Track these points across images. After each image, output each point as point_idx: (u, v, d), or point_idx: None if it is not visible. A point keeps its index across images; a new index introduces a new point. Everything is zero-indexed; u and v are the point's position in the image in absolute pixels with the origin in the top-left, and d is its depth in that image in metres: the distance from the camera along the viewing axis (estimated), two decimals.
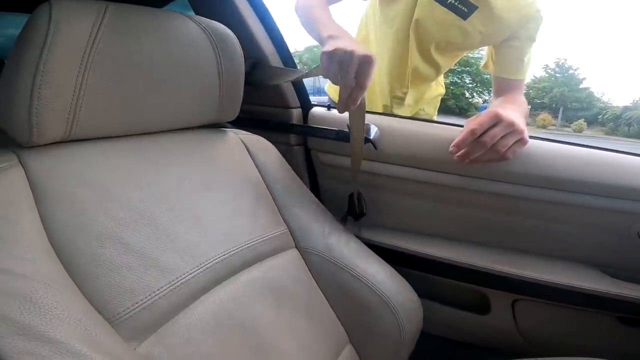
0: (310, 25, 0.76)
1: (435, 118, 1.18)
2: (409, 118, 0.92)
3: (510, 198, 0.74)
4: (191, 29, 0.54)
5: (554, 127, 27.61)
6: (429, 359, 0.80)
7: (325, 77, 0.62)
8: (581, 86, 28.48)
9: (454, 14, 0.89)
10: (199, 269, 0.47)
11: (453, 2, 0.89)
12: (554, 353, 0.73)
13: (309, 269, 0.65)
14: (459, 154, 0.67)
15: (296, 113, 0.89)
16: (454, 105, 26.27)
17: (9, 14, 1.73)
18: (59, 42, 0.39)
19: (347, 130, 0.77)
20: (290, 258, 0.63)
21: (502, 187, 0.74)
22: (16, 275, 0.34)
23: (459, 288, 0.82)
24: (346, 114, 0.71)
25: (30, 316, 0.32)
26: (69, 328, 0.33)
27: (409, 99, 1.05)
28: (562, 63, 28.74)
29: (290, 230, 0.64)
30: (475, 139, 0.63)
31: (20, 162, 0.40)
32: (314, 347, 0.58)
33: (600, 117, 27.51)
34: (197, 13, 0.84)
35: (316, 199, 0.73)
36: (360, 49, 0.56)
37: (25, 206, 0.38)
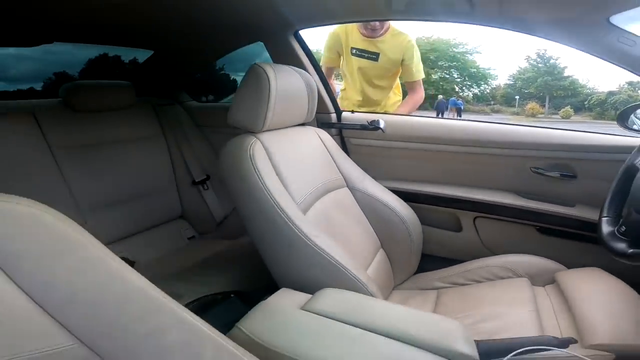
0: None
1: None
2: (404, 115, 1.51)
3: (468, 154, 1.31)
4: (302, 81, 1.09)
5: (542, 115, 28.38)
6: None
7: None
8: (564, 74, 29.24)
9: (371, 61, 1.72)
10: (311, 191, 1.04)
11: (365, 55, 1.75)
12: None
13: (355, 200, 1.21)
14: None
15: (333, 116, 1.47)
16: (444, 100, 26.94)
17: None
18: (277, 83, 0.93)
19: (366, 124, 1.35)
20: (345, 192, 1.19)
21: (464, 149, 1.30)
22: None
23: (440, 212, 1.39)
24: (363, 115, 1.29)
25: None
26: None
27: (369, 108, 1.85)
28: (543, 54, 29.46)
29: (343, 177, 1.21)
30: None
31: (258, 139, 0.96)
32: (364, 245, 1.14)
33: (586, 103, 28.22)
34: (274, 60, 1.41)
35: (353, 162, 1.29)
36: None
37: (268, 162, 0.93)
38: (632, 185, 0.76)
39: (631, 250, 0.68)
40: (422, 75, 1.79)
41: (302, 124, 1.19)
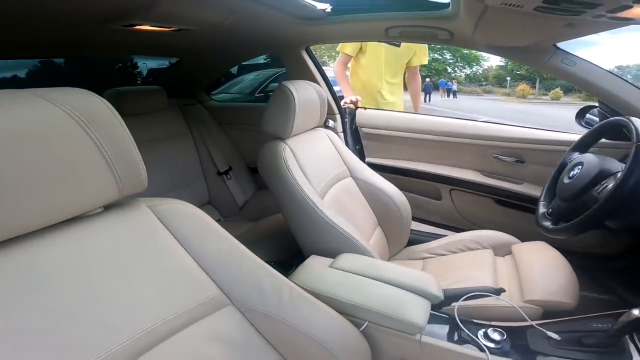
0: None
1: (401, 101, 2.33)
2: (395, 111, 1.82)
3: (446, 143, 1.66)
4: (315, 93, 1.36)
5: (532, 96, 28.79)
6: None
7: None
8: None
9: (394, 46, 1.99)
10: (326, 181, 1.32)
11: (390, 43, 2.02)
12: (475, 226, 1.60)
13: (358, 186, 1.49)
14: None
15: (338, 117, 1.75)
16: (437, 81, 27.11)
17: None
18: (300, 98, 1.20)
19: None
20: (349, 181, 1.47)
21: (444, 139, 1.65)
22: None
23: (426, 185, 1.73)
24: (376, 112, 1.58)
25: None
26: None
27: (390, 96, 2.18)
28: None
29: (348, 168, 1.48)
30: None
31: (286, 144, 1.21)
32: (365, 223, 1.42)
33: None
34: (288, 70, 1.67)
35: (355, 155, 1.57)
36: None
37: (295, 161, 1.18)
38: (559, 177, 1.06)
39: (551, 227, 0.98)
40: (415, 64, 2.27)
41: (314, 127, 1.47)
